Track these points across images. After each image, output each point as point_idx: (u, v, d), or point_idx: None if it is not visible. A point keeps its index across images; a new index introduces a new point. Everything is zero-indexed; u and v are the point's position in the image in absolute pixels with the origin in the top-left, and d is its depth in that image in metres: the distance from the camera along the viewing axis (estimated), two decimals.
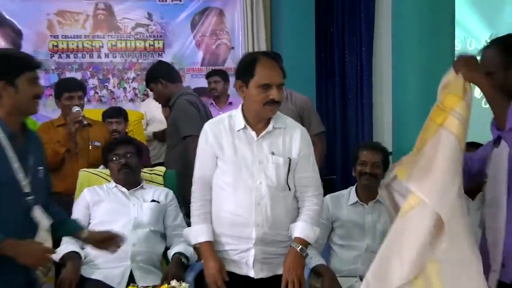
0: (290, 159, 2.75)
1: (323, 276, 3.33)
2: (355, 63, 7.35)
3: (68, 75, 6.68)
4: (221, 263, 2.76)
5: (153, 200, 3.57)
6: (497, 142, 2.45)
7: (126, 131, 5.15)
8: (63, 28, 6.88)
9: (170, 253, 3.49)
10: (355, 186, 3.72)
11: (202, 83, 6.46)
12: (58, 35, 6.87)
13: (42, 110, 6.58)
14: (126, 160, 3.60)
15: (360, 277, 3.56)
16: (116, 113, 5.08)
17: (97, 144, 4.22)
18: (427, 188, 2.29)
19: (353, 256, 3.66)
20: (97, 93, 6.98)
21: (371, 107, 7.16)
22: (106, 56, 7.00)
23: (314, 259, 3.35)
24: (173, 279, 2.49)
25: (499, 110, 2.33)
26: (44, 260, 2.53)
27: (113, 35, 7.00)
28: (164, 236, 3.58)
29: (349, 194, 3.71)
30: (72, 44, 6.87)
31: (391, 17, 4.52)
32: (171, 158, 4.47)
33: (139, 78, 6.90)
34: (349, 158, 3.00)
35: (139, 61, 7.02)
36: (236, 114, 2.83)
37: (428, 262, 2.27)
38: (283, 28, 6.93)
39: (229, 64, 7.03)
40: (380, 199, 3.49)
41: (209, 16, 7.18)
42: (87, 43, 6.93)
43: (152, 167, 4.11)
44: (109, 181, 3.71)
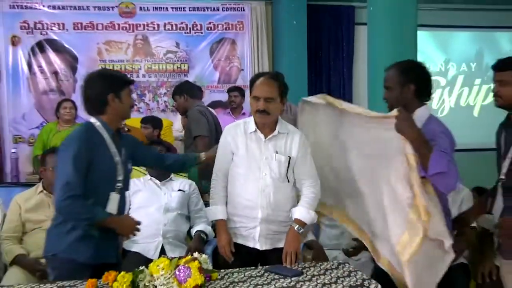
0: (290, 158, 2.75)
1: (314, 248, 3.33)
2: (338, 82, 7.41)
3: None
4: (230, 237, 2.77)
5: (179, 190, 3.58)
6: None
7: (156, 135, 5.20)
8: (109, 54, 6.88)
9: (193, 231, 3.50)
10: None
11: (218, 97, 6.49)
12: (105, 60, 6.86)
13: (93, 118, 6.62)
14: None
15: (343, 250, 3.56)
16: (145, 121, 5.29)
17: None
18: None
19: (338, 233, 3.65)
20: (136, 105, 6.96)
21: None
22: (143, 76, 6.99)
23: (307, 235, 3.35)
24: (195, 252, 2.48)
25: (423, 157, 2.29)
26: (134, 231, 2.64)
27: (148, 59, 7.00)
28: (188, 218, 3.58)
29: None
30: (117, 66, 6.86)
31: (367, 45, 4.51)
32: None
33: (168, 93, 6.87)
34: None
35: (169, 80, 7.01)
36: (250, 120, 2.83)
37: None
38: (282, 54, 6.96)
39: (240, 83, 7.02)
40: None
41: (224, 45, 7.17)
42: (128, 66, 6.93)
43: None
44: (145, 174, 3.71)
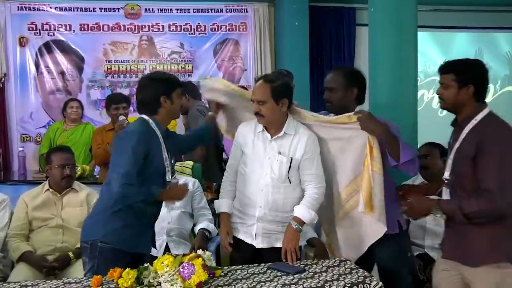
0: (292, 159, 2.71)
1: (316, 246, 3.32)
2: None
3: (119, 90, 6.66)
4: (230, 230, 2.79)
5: None
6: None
7: None
8: (115, 55, 6.87)
9: (196, 228, 3.49)
10: None
11: None
12: (111, 60, 6.86)
13: (99, 117, 6.64)
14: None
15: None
16: None
17: None
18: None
19: None
20: None
21: None
22: None
23: (309, 233, 3.33)
24: (199, 249, 2.48)
25: (392, 147, 2.57)
26: (185, 195, 2.70)
27: (153, 60, 6.99)
28: (192, 216, 3.57)
29: None
30: (122, 67, 6.86)
31: (368, 46, 4.49)
32: (189, 153, 4.56)
33: None
34: None
35: None
36: None
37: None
38: (284, 55, 6.94)
39: (243, 83, 7.02)
40: None
41: (227, 45, 7.16)
42: (134, 66, 6.92)
43: (182, 162, 4.10)
44: None
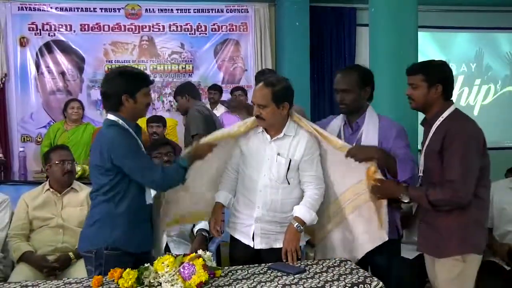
0: (291, 160, 2.70)
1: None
2: None
3: None
4: (218, 219, 2.81)
5: None
6: None
7: (164, 134, 5.17)
8: (115, 55, 6.90)
9: (195, 229, 3.48)
10: None
11: (222, 97, 6.46)
12: (112, 60, 6.88)
13: (99, 118, 6.65)
14: (167, 158, 3.58)
15: None
16: (157, 120, 5.11)
17: None
18: None
19: None
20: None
21: None
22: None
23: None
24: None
25: (389, 167, 2.63)
26: (209, 149, 2.77)
27: (154, 60, 7.01)
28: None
29: None
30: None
31: (369, 46, 4.49)
32: None
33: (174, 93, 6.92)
34: None
35: (174, 80, 7.01)
36: None
37: None
38: (285, 55, 6.95)
39: (243, 83, 7.03)
40: None
41: (228, 46, 7.17)
42: (134, 66, 6.91)
43: None
44: None
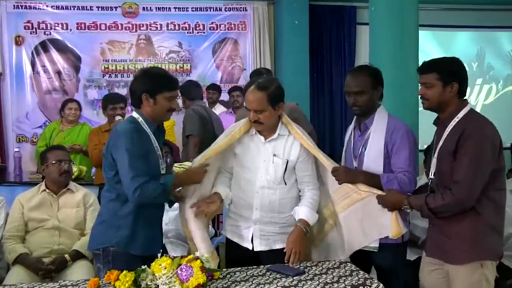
0: (288, 161, 2.71)
1: None
2: (340, 82, 7.34)
3: (116, 90, 6.68)
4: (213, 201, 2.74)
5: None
6: None
7: None
8: (112, 54, 6.88)
9: None
10: None
11: (221, 96, 6.46)
12: (108, 59, 6.87)
13: (96, 117, 6.64)
14: (166, 158, 3.57)
15: None
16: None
17: None
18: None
19: None
20: None
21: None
22: None
23: None
24: None
25: (375, 185, 2.63)
26: (203, 175, 2.67)
27: (151, 59, 6.99)
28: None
29: None
30: (120, 66, 6.87)
31: (369, 45, 4.49)
32: (185, 153, 4.67)
33: None
34: (334, 156, 2.96)
35: None
36: None
37: None
38: (284, 54, 6.96)
39: (242, 82, 7.01)
40: None
41: (226, 45, 7.17)
42: (131, 66, 6.91)
43: (180, 163, 4.10)
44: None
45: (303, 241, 2.67)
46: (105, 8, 6.82)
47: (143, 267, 2.28)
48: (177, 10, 7.00)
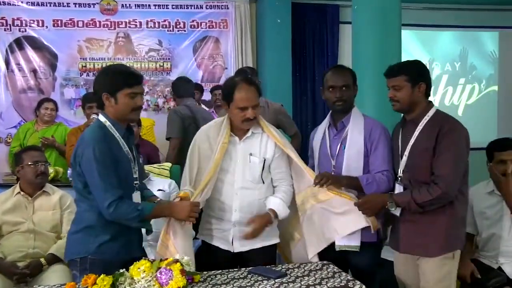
0: (265, 159, 2.73)
1: None
2: (323, 81, 7.35)
3: None
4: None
5: (159, 189, 3.52)
6: None
7: (140, 134, 5.11)
8: (90, 52, 6.81)
9: None
10: None
11: (203, 96, 6.46)
12: (86, 58, 6.80)
13: (73, 117, 6.57)
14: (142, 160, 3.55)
15: None
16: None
17: None
18: None
19: None
20: None
21: None
22: None
23: None
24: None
25: (357, 188, 2.71)
26: (193, 214, 2.52)
27: (130, 57, 6.94)
28: None
29: None
30: (98, 64, 6.80)
31: (352, 44, 4.52)
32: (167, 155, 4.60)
33: (151, 92, 6.88)
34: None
35: (151, 78, 6.96)
36: (223, 121, 2.80)
37: None
38: (266, 52, 6.97)
39: (223, 81, 6.99)
40: None
41: (207, 43, 7.14)
42: (110, 64, 6.86)
43: (160, 164, 4.07)
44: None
45: (265, 226, 2.69)
46: (82, 5, 6.75)
47: (121, 270, 2.27)
48: (157, 7, 6.96)
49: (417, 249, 2.65)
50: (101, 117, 2.52)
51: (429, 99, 2.69)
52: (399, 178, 2.67)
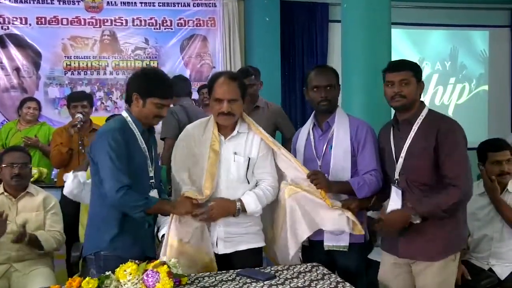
0: (250, 158, 2.72)
1: None
2: None
3: (79, 88, 6.61)
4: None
5: None
6: None
7: None
8: (75, 50, 6.79)
9: (160, 233, 3.43)
10: None
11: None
12: (71, 56, 6.77)
13: (57, 117, 6.53)
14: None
15: None
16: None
17: None
18: None
19: None
20: (103, 103, 6.91)
21: None
22: (111, 73, 6.92)
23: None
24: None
25: (348, 191, 2.71)
26: (192, 209, 2.59)
27: (116, 56, 6.93)
28: (154, 220, 3.52)
29: None
30: (83, 63, 6.79)
31: (341, 42, 4.54)
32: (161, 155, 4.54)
33: None
34: None
35: None
36: (209, 120, 2.80)
37: None
38: (255, 51, 6.98)
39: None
40: None
41: (195, 41, 7.15)
42: (95, 63, 6.84)
43: None
44: None
45: (225, 214, 2.66)
46: (67, 2, 6.72)
47: (107, 273, 2.26)
48: (143, 5, 6.94)
49: (418, 253, 2.58)
50: (124, 113, 2.63)
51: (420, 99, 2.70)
52: (396, 181, 2.62)
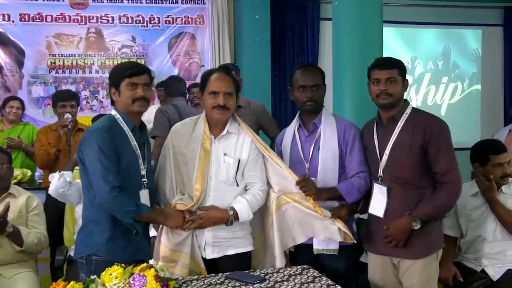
0: (240, 160, 2.70)
1: None
2: None
3: (64, 87, 6.56)
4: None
5: None
6: None
7: None
8: (59, 48, 6.74)
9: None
10: None
11: None
12: (55, 54, 6.72)
13: (41, 116, 6.49)
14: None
15: None
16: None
17: None
18: None
19: None
20: (88, 102, 6.87)
21: None
22: (97, 72, 6.87)
23: None
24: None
25: (336, 197, 2.75)
26: (183, 224, 2.63)
27: (102, 54, 6.89)
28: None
29: None
30: (68, 61, 6.74)
31: (332, 41, 4.55)
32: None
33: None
34: None
35: None
36: (199, 119, 2.79)
37: None
38: (244, 49, 6.98)
39: (200, 79, 6.99)
40: None
41: (183, 39, 7.13)
42: (80, 61, 6.80)
43: None
44: None
45: (219, 222, 2.66)
46: None
47: (92, 277, 2.25)
48: (130, 1, 6.92)
49: (402, 252, 2.65)
50: (113, 111, 2.63)
51: (412, 98, 2.80)
52: (379, 178, 2.68)
